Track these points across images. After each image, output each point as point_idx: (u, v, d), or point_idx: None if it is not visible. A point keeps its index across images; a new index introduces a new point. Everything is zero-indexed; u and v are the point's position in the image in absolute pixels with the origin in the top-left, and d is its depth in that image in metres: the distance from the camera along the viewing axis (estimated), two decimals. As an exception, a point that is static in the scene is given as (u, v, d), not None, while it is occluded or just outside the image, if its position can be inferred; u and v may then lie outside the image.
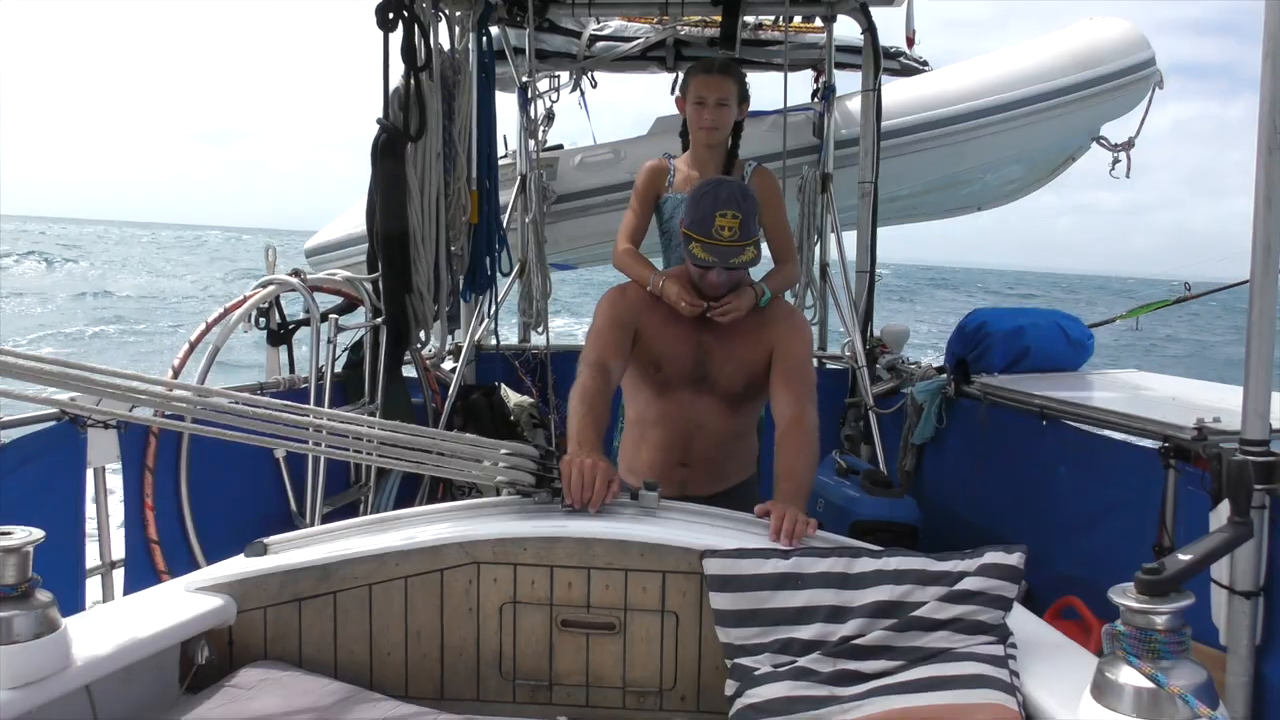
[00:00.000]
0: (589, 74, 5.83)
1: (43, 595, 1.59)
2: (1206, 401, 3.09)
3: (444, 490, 4.29)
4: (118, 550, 3.12)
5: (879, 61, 4.94)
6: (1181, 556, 1.62)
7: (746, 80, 3.41)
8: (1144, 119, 5.81)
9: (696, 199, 2.66)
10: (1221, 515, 2.29)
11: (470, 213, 4.45)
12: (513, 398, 4.76)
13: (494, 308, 4.95)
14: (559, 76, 5.89)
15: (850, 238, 5.04)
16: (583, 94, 5.91)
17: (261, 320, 3.65)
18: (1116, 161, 5.80)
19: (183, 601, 1.94)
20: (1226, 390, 3.28)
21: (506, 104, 5.39)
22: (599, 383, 2.66)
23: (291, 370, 3.82)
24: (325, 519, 3.60)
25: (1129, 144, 5.78)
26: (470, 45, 4.45)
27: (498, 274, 4.77)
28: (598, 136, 5.99)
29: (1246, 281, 2.24)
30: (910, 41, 5.64)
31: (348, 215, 6.37)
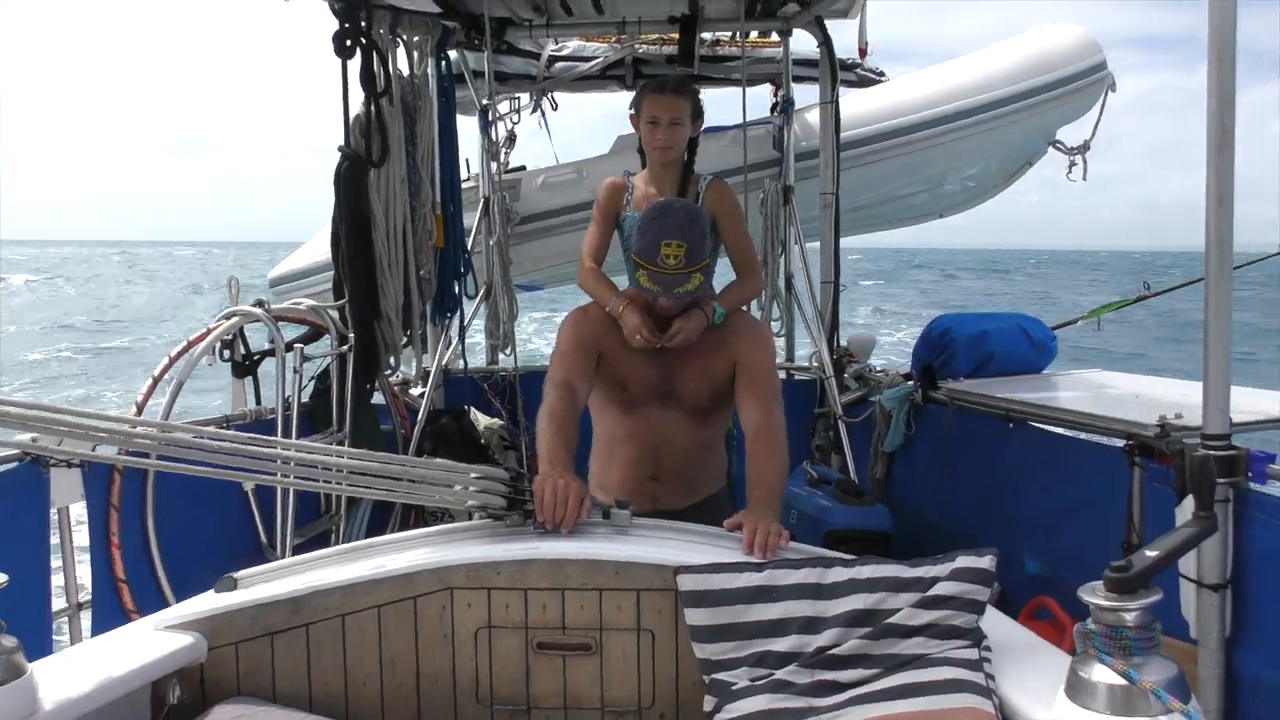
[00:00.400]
0: (549, 95, 5.85)
1: (7, 641, 1.56)
2: (1169, 398, 3.13)
3: (416, 516, 4.26)
4: (85, 591, 3.07)
5: (836, 73, 4.99)
6: (1149, 553, 1.63)
7: (700, 96, 3.43)
8: (1098, 122, 5.92)
9: (644, 226, 2.70)
10: (1187, 510, 2.33)
11: (436, 237, 4.44)
12: (482, 420, 4.74)
13: (464, 330, 4.94)
14: (519, 98, 5.90)
15: (814, 249, 5.07)
16: (543, 115, 5.93)
17: (226, 352, 3.62)
18: (1073, 165, 5.90)
19: (152, 640, 1.91)
20: (1188, 386, 3.32)
21: (468, 127, 5.40)
22: (566, 403, 2.67)
23: (258, 402, 3.78)
24: (296, 550, 3.56)
25: (1084, 147, 5.88)
26: (429, 70, 4.45)
27: (464, 297, 4.76)
28: (565, 154, 6.01)
29: (1202, 279, 2.28)
30: (863, 53, 5.71)
31: (312, 244, 6.35)
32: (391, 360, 4.28)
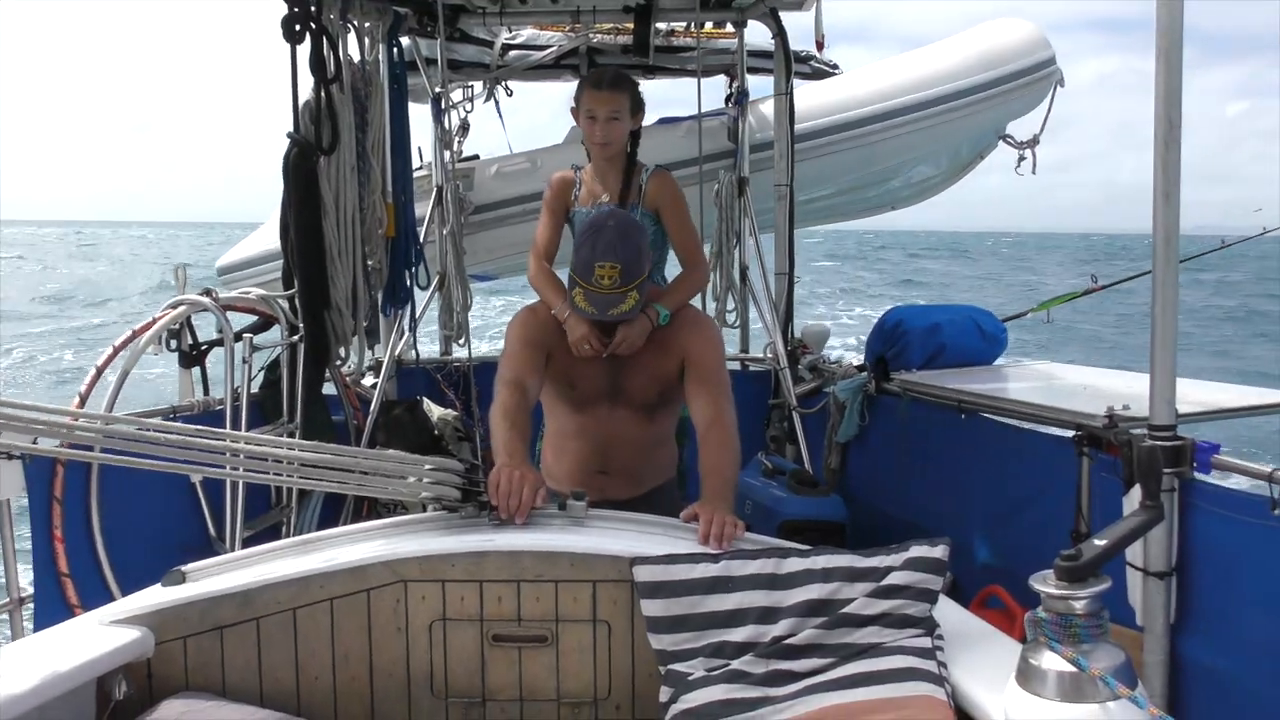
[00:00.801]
0: (503, 83, 5.80)
1: None
2: (1117, 389, 3.18)
3: (369, 509, 4.21)
4: (27, 586, 3.00)
5: (790, 65, 4.99)
6: (1097, 542, 1.66)
7: (639, 89, 3.42)
8: (1047, 116, 5.98)
9: (578, 244, 2.69)
10: (1134, 500, 2.37)
11: (387, 226, 4.39)
12: (436, 411, 4.70)
13: (413, 321, 4.89)
14: (472, 86, 5.85)
15: (769, 240, 5.08)
16: (497, 103, 5.88)
17: (172, 342, 3.55)
18: (1023, 159, 5.97)
19: (97, 635, 1.87)
20: (1135, 378, 3.38)
21: (421, 115, 5.34)
22: (518, 399, 2.67)
23: (206, 392, 3.72)
24: (246, 543, 3.50)
25: (1034, 141, 5.95)
26: (381, 56, 4.39)
27: (415, 287, 4.71)
28: (529, 136, 5.96)
29: (1149, 272, 2.32)
30: (820, 45, 5.72)
31: (261, 232, 6.24)
32: (342, 351, 4.23)
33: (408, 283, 4.62)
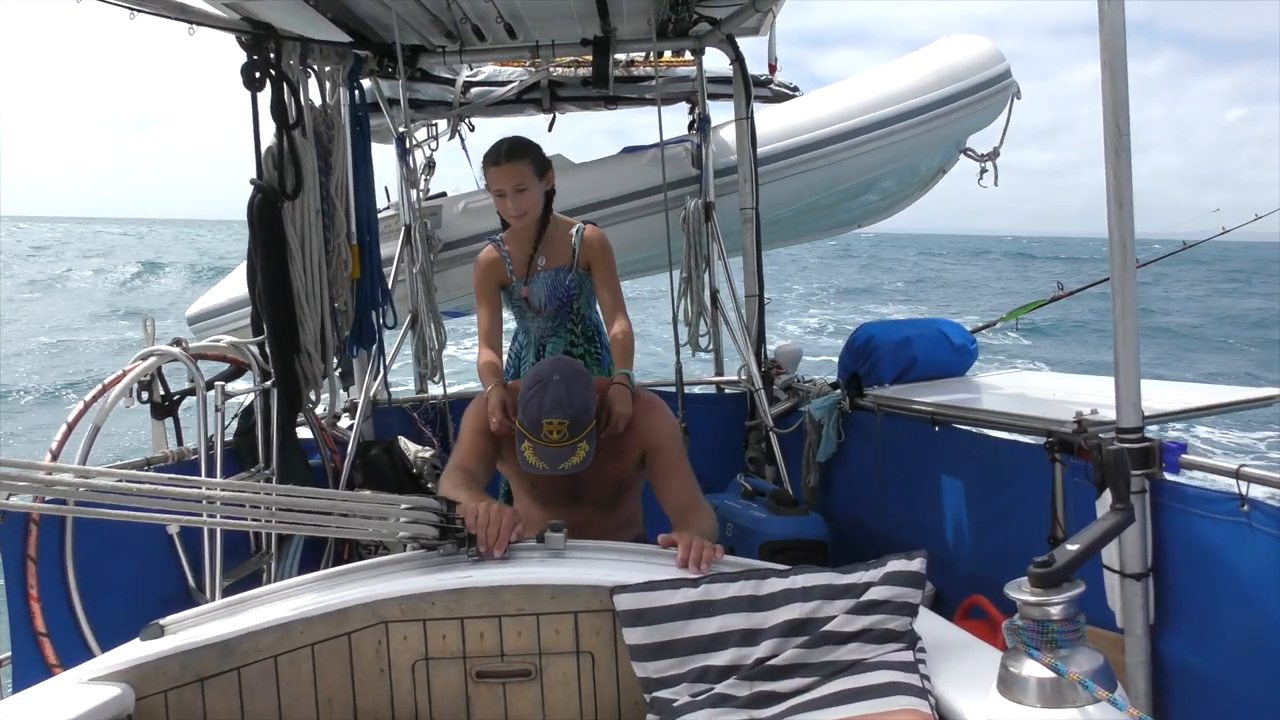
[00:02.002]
0: (466, 120, 5.83)
1: None
2: (1085, 394, 3.22)
3: (350, 550, 4.19)
4: (4, 647, 2.96)
5: (750, 90, 5.05)
6: (1070, 547, 1.68)
7: (540, 150, 3.45)
8: (1005, 129, 6.08)
9: (525, 400, 2.67)
10: (1106, 503, 2.39)
11: (352, 268, 4.38)
12: (413, 450, 4.69)
13: (386, 361, 4.88)
14: (436, 125, 5.88)
15: (737, 264, 5.12)
16: (462, 140, 5.91)
17: (144, 394, 3.53)
18: (984, 171, 6.06)
19: (76, 694, 1.85)
20: (1103, 382, 3.42)
21: (387, 155, 5.36)
22: (467, 483, 2.70)
23: (179, 443, 3.69)
24: (227, 592, 3.48)
25: (994, 154, 6.04)
26: (342, 100, 4.41)
27: (383, 327, 4.70)
28: (481, 180, 5.98)
29: (1108, 279, 2.36)
30: (772, 69, 5.80)
31: (229, 280, 6.23)
32: (313, 395, 4.21)
33: (375, 322, 4.61)
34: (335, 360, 4.29)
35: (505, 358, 3.63)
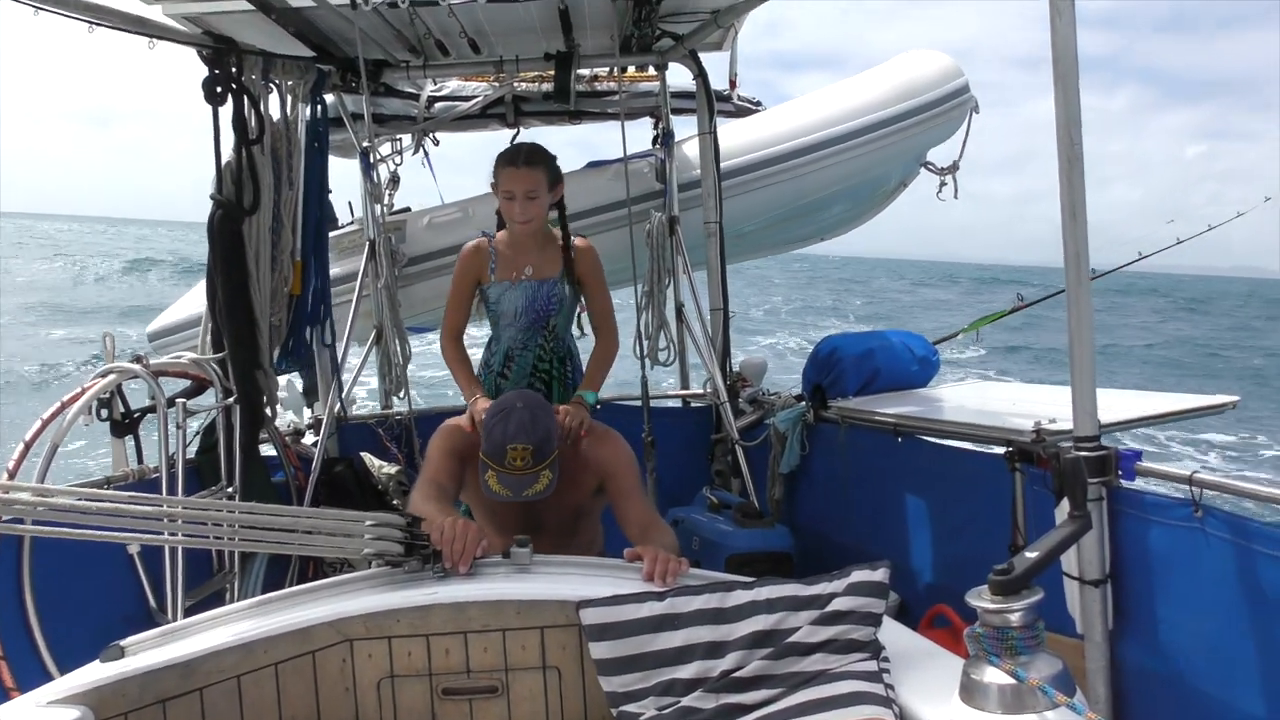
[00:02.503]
0: (430, 134, 5.82)
1: None
2: (1043, 404, 3.27)
3: (315, 568, 4.15)
4: None
5: (713, 105, 5.09)
6: (1028, 555, 1.71)
7: (555, 162, 3.47)
8: (965, 143, 6.16)
9: (489, 427, 2.69)
10: (1065, 511, 2.43)
11: (293, 283, 4.32)
12: (377, 465, 4.66)
13: (345, 377, 4.85)
14: (401, 139, 5.86)
15: (701, 277, 5.14)
16: (426, 155, 5.89)
17: (103, 411, 3.49)
18: (944, 184, 6.14)
19: (34, 718, 1.82)
20: (1063, 391, 3.47)
21: (351, 170, 5.34)
22: (437, 495, 2.73)
23: (140, 461, 3.65)
24: (189, 612, 3.43)
25: (954, 167, 6.12)
26: (304, 114, 4.39)
27: (321, 346, 4.61)
28: (467, 163, 5.97)
29: (1064, 290, 2.40)
30: (732, 84, 5.84)
31: (189, 297, 6.17)
32: (268, 411, 4.17)
33: (307, 339, 4.49)
34: (273, 376, 4.24)
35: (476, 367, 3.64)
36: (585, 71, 5.48)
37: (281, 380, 4.53)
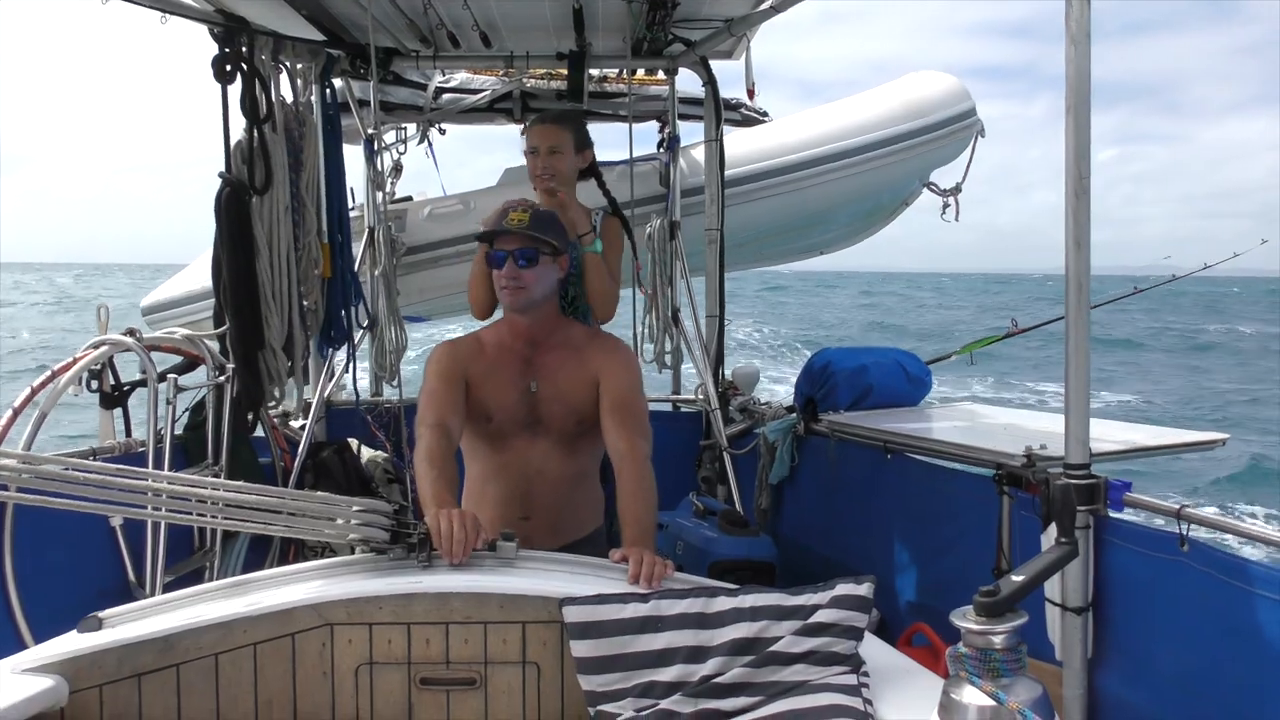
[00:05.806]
0: (436, 125, 5.82)
1: None
2: (1036, 429, 3.27)
3: (295, 552, 4.14)
4: None
5: (720, 112, 5.10)
6: (1015, 578, 1.70)
7: (586, 129, 3.46)
8: (969, 166, 6.18)
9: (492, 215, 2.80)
10: (1052, 537, 2.43)
11: (323, 267, 4.37)
12: (365, 453, 4.65)
13: (350, 362, 4.84)
14: (406, 128, 5.86)
15: (699, 283, 5.15)
16: (430, 145, 5.90)
17: (94, 383, 3.48)
18: (946, 206, 6.15)
19: (7, 685, 1.81)
20: (1054, 418, 3.48)
21: (354, 156, 5.34)
22: (442, 443, 2.64)
23: (128, 435, 3.64)
24: (168, 589, 3.42)
25: (956, 189, 6.14)
26: (314, 98, 4.39)
27: (354, 328, 4.68)
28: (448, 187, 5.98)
29: (1063, 318, 2.40)
30: (751, 93, 5.85)
31: (186, 273, 6.16)
32: (276, 391, 4.17)
33: (345, 323, 4.59)
34: (299, 359, 4.26)
35: None
36: (595, 72, 5.49)
37: None
